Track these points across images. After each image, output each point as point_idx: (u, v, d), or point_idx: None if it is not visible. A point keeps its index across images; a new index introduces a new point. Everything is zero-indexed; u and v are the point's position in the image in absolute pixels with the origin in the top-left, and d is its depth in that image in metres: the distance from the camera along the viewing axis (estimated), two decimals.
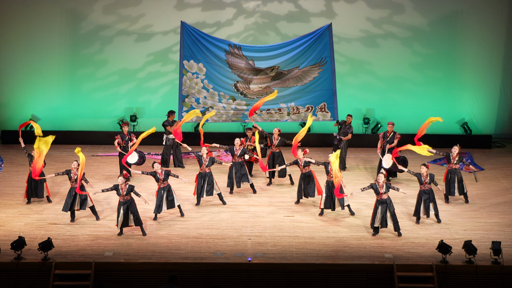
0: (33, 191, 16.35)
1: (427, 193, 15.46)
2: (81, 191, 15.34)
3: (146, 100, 21.63)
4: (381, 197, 14.79)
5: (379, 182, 14.78)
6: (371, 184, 14.89)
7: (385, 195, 14.79)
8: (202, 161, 16.29)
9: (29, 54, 21.18)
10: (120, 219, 14.72)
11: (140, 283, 13.71)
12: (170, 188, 15.63)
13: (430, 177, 15.45)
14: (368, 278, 13.74)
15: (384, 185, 14.77)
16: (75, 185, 15.40)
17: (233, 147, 17.17)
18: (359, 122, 21.58)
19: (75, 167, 15.49)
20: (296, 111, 18.82)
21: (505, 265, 13.61)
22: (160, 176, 15.46)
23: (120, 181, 14.73)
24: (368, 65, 21.42)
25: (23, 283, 13.54)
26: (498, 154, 20.92)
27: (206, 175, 16.32)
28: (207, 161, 16.30)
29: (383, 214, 14.78)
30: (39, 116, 21.54)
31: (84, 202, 15.46)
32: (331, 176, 15.65)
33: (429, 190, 15.47)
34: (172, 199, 15.62)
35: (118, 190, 14.73)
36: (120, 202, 14.77)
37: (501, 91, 21.70)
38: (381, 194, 14.75)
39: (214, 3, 20.93)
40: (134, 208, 14.80)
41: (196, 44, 18.32)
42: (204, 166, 16.29)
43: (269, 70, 18.48)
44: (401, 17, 21.06)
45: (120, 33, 21.08)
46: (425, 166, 15.49)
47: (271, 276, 13.77)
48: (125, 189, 14.72)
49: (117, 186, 14.76)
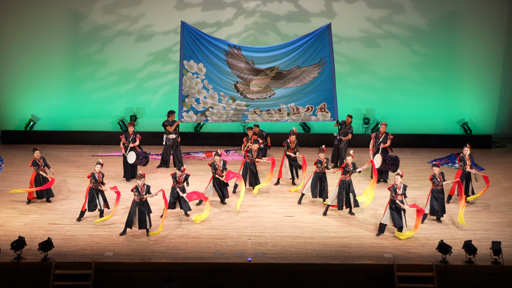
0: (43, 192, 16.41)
1: (441, 192, 15.51)
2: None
3: (146, 100, 21.62)
4: (396, 198, 14.77)
5: (397, 184, 14.78)
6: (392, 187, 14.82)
7: (401, 196, 14.79)
8: (216, 167, 16.40)
9: (29, 54, 21.18)
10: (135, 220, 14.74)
11: (140, 283, 13.71)
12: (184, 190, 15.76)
13: (442, 176, 15.55)
14: (368, 278, 13.74)
15: (401, 186, 14.79)
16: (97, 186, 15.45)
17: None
18: (359, 122, 21.58)
19: (98, 171, 15.49)
20: (296, 111, 18.81)
21: (505, 265, 13.62)
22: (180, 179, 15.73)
23: (141, 183, 14.79)
24: (368, 65, 21.42)
25: (23, 283, 13.54)
26: (498, 154, 20.92)
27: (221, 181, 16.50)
28: (220, 166, 16.46)
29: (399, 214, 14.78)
30: (39, 116, 21.53)
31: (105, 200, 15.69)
32: (349, 176, 15.82)
33: (442, 189, 15.55)
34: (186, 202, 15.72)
35: (139, 191, 14.79)
36: (135, 202, 14.79)
37: (501, 91, 21.70)
38: (397, 195, 14.75)
39: (214, 3, 20.93)
40: (149, 209, 14.93)
41: (196, 44, 18.31)
42: (220, 171, 16.42)
43: (269, 71, 18.47)
44: (401, 17, 21.06)
45: (120, 33, 21.07)
46: (436, 166, 15.52)
47: (271, 276, 13.77)
48: (144, 189, 14.81)
49: (137, 187, 14.83)
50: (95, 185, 15.42)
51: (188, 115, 18.83)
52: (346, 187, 15.83)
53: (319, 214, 16.04)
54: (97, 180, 15.40)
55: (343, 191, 15.84)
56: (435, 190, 15.51)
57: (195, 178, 17.33)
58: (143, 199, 14.81)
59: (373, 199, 15.85)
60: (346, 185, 15.84)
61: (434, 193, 15.51)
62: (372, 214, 15.98)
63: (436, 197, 15.48)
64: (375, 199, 16.14)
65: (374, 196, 15.98)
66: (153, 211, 15.12)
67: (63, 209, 16.14)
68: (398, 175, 14.87)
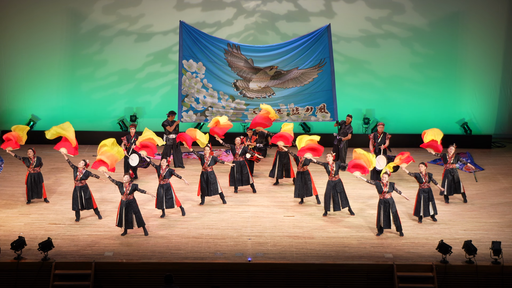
0: (33, 192, 16.36)
1: (426, 192, 15.48)
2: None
3: (146, 101, 21.62)
4: (384, 196, 14.78)
5: (383, 182, 14.78)
6: (376, 182, 14.88)
7: (388, 194, 14.79)
8: (204, 160, 16.28)
9: (29, 54, 21.19)
10: (122, 219, 14.71)
11: (140, 283, 13.71)
12: (170, 187, 15.62)
13: (428, 176, 15.47)
14: (368, 278, 13.74)
15: (388, 184, 14.78)
16: (79, 184, 15.41)
17: (234, 146, 17.16)
18: (359, 122, 21.58)
19: (82, 167, 15.46)
20: (296, 112, 18.83)
21: (505, 265, 13.61)
22: (162, 171, 15.47)
23: (126, 179, 14.73)
24: (368, 65, 21.41)
25: (23, 283, 13.54)
26: (498, 154, 20.92)
27: (208, 174, 16.32)
28: (209, 160, 16.30)
29: (386, 214, 14.78)
30: (39, 116, 21.55)
31: (88, 202, 15.50)
32: (332, 176, 15.67)
33: (428, 189, 15.48)
34: (171, 199, 15.61)
35: (122, 189, 14.72)
36: (122, 202, 14.76)
37: (501, 91, 21.70)
38: (384, 193, 14.75)
39: (214, 3, 20.93)
40: (136, 208, 14.80)
41: (195, 44, 18.33)
42: (206, 165, 16.29)
43: (268, 69, 18.49)
44: (401, 17, 21.06)
45: (120, 33, 21.08)
46: (423, 164, 15.51)
47: (271, 276, 13.77)
48: (129, 188, 14.72)
49: (121, 184, 14.75)
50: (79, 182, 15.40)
51: (188, 115, 18.85)
52: (333, 187, 15.77)
53: (319, 214, 16.03)
54: (76, 176, 15.40)
55: (330, 191, 15.82)
56: (422, 190, 15.51)
57: (195, 178, 17.30)
58: (129, 198, 14.76)
59: (392, 169, 15.57)
60: (333, 185, 15.78)
61: (420, 193, 15.52)
62: (372, 214, 15.97)
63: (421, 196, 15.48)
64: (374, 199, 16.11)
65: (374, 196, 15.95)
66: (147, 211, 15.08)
67: (63, 209, 16.14)
68: (385, 174, 14.89)
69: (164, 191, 15.57)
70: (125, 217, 14.69)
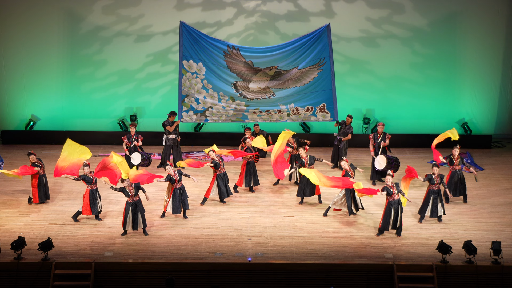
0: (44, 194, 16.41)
1: (436, 193, 15.49)
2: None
3: (146, 101, 21.62)
4: (394, 198, 14.77)
5: (388, 184, 14.78)
6: (384, 187, 14.82)
7: (397, 195, 14.79)
8: (219, 164, 16.41)
9: (29, 54, 21.18)
10: (128, 220, 14.72)
11: (140, 283, 13.71)
12: (184, 188, 15.70)
13: (440, 177, 15.50)
14: (368, 278, 13.74)
15: (394, 185, 14.79)
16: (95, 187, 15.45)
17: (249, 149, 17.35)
18: (359, 122, 21.58)
19: (88, 171, 15.46)
20: (296, 112, 18.83)
21: (505, 265, 13.61)
22: (175, 177, 15.48)
23: (127, 183, 14.75)
24: (368, 65, 21.42)
25: (23, 283, 13.54)
26: (498, 154, 20.92)
27: (225, 175, 16.51)
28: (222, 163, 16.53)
29: (396, 215, 14.76)
30: (39, 116, 21.54)
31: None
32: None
33: (438, 190, 15.51)
34: (186, 199, 15.68)
35: (126, 192, 14.73)
36: (128, 203, 14.77)
37: (501, 91, 21.70)
38: (393, 194, 14.75)
39: (214, 3, 20.93)
40: (142, 208, 14.86)
41: (195, 44, 18.33)
42: (222, 167, 16.43)
43: (268, 70, 18.49)
44: (401, 17, 21.06)
45: (120, 33, 21.07)
46: (436, 166, 15.52)
47: (271, 276, 13.77)
48: (133, 189, 14.75)
49: (124, 188, 14.77)
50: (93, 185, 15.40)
51: (188, 115, 18.84)
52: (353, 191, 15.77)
53: (319, 214, 16.04)
54: (93, 180, 15.39)
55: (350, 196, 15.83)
56: (432, 191, 15.51)
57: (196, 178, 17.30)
58: (135, 199, 14.78)
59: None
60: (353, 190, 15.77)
61: (430, 193, 15.52)
62: (372, 214, 15.99)
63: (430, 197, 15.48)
64: (375, 199, 16.12)
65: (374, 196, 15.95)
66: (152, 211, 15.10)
67: (63, 209, 16.15)
68: (389, 176, 14.88)
69: (181, 193, 15.60)
70: (132, 218, 14.71)
